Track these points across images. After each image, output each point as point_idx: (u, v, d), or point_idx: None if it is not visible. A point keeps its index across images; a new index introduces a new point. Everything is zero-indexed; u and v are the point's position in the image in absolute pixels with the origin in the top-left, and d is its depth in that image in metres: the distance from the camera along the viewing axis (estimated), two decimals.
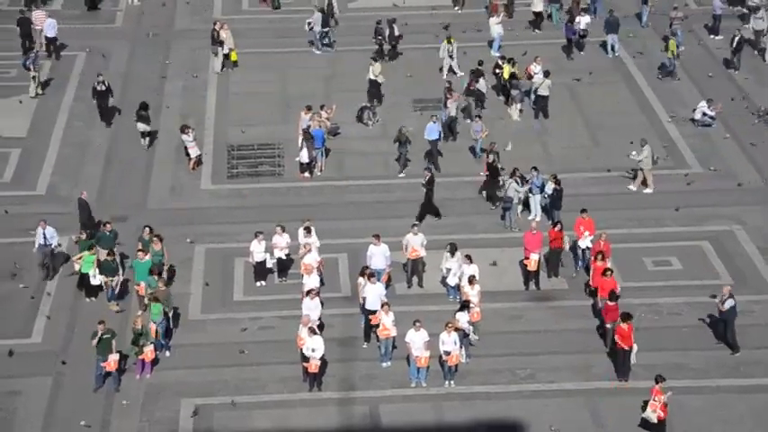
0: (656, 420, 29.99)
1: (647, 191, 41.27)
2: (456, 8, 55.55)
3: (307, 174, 42.28)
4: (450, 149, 43.73)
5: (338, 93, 47.32)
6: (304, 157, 42.05)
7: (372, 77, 46.68)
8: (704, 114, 45.59)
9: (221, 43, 49.96)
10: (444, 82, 46.47)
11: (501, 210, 39.31)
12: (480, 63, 47.02)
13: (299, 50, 52.03)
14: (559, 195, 38.85)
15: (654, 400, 29.98)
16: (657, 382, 30.09)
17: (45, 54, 50.60)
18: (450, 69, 49.17)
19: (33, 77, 47.88)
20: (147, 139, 44.43)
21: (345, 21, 54.40)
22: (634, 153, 41.16)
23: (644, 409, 30.28)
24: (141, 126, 44.24)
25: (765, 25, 50.48)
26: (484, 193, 40.72)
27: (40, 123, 46.01)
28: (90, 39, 53.04)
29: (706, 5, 55.02)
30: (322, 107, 44.00)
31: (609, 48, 51.43)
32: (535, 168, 39.50)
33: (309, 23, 52.26)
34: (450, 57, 49.05)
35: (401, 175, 42.17)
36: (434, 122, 42.39)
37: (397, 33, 50.38)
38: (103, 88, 45.32)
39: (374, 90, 46.77)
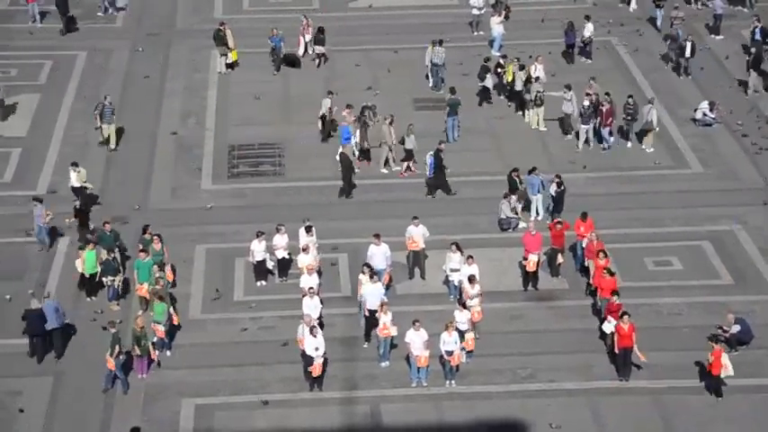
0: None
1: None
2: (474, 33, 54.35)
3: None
4: (449, 149, 43.75)
5: (338, 92, 47.23)
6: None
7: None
8: (705, 115, 45.57)
9: (226, 44, 49.92)
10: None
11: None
12: (486, 60, 47.04)
13: (299, 50, 51.96)
14: (561, 197, 38.82)
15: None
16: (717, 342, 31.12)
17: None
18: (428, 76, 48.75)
19: (105, 140, 43.96)
20: (318, 60, 49.99)
21: (345, 21, 54.40)
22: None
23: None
24: (318, 48, 49.82)
25: (571, 109, 44.22)
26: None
27: (40, 123, 45.98)
28: (90, 38, 53.02)
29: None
30: (329, 93, 44.94)
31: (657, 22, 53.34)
32: (534, 169, 39.47)
33: None
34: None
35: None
36: None
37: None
38: None
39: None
